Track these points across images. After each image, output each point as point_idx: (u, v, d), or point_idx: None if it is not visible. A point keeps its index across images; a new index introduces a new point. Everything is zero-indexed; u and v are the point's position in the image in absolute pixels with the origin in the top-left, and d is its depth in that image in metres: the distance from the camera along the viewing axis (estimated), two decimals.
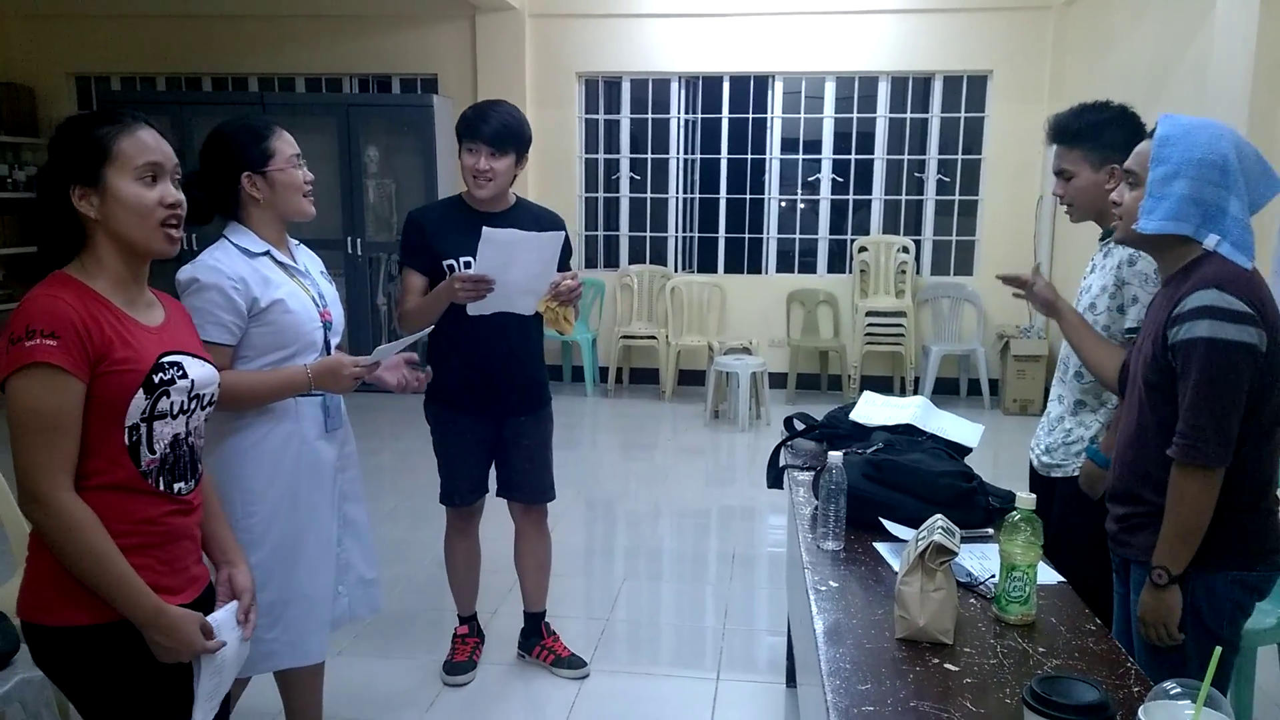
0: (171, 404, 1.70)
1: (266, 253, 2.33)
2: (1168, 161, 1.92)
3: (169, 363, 1.69)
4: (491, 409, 3.12)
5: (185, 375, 1.71)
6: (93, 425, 1.62)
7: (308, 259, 2.50)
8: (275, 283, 2.30)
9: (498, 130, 2.93)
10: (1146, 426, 2.01)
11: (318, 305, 2.39)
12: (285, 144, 2.35)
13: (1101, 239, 2.60)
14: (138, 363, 1.64)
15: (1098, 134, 2.47)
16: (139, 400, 1.64)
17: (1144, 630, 1.99)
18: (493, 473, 3.27)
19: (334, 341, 2.45)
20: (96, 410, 1.61)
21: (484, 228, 2.74)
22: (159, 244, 1.70)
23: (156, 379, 1.66)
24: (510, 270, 2.78)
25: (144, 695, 1.72)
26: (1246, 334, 1.84)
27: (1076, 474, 2.55)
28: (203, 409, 1.80)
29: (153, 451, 1.69)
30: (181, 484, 1.76)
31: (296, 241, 2.51)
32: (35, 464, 1.57)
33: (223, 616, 1.81)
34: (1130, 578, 2.10)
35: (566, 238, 2.96)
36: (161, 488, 1.71)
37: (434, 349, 3.08)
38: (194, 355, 1.78)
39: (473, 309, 2.87)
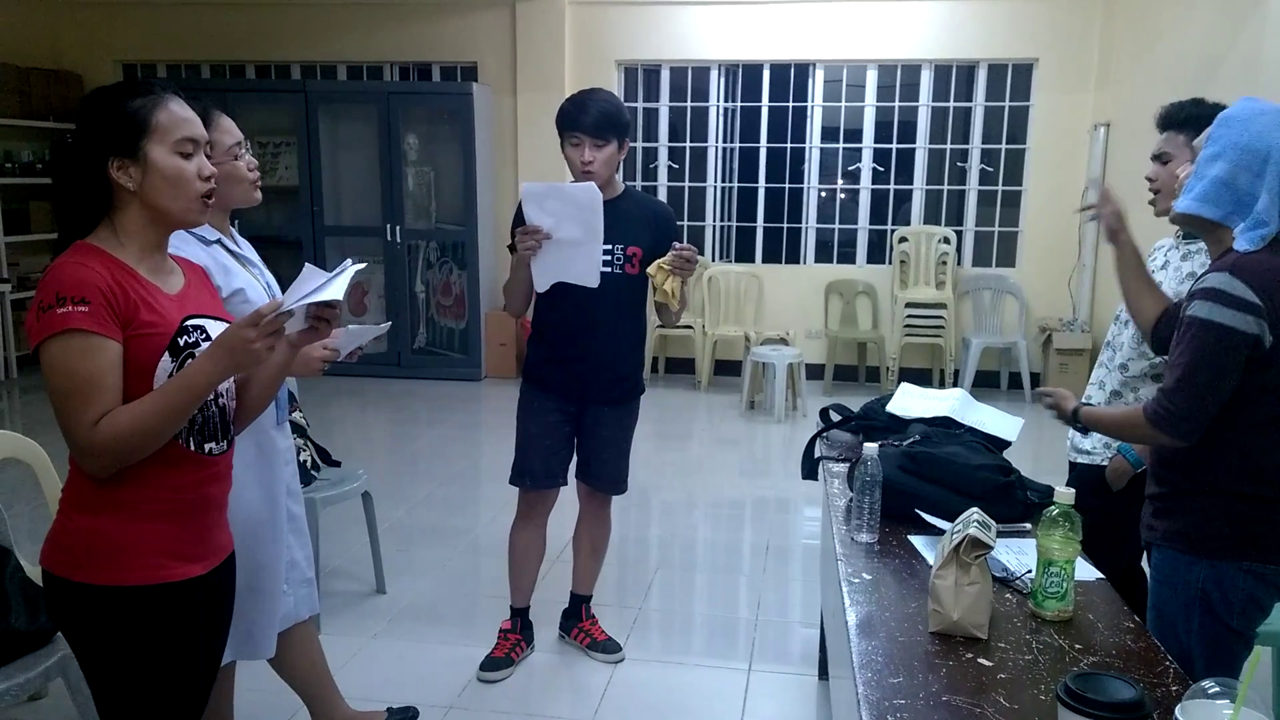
0: None
1: (218, 240, 2.25)
2: (1217, 142, 1.90)
3: (192, 326, 1.72)
4: (576, 392, 3.14)
5: (209, 338, 1.74)
6: (123, 390, 1.64)
7: (248, 248, 2.41)
8: (234, 271, 2.24)
9: (597, 119, 2.95)
10: None
11: (268, 295, 2.32)
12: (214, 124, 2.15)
13: (1185, 238, 2.55)
14: (163, 326, 1.67)
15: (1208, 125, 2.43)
16: (165, 363, 1.67)
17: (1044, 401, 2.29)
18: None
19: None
20: (125, 375, 1.64)
21: (522, 184, 2.81)
22: (195, 215, 1.74)
23: (181, 342, 1.69)
24: (559, 228, 2.82)
25: (154, 665, 1.73)
26: (1243, 321, 1.81)
27: (1104, 464, 2.52)
28: None
29: None
30: (213, 444, 1.79)
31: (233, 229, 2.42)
32: (77, 421, 1.59)
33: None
34: (1152, 560, 2.11)
35: (671, 218, 3.13)
36: (193, 447, 1.74)
37: (532, 327, 3.18)
38: (216, 318, 1.80)
39: (537, 282, 2.94)
